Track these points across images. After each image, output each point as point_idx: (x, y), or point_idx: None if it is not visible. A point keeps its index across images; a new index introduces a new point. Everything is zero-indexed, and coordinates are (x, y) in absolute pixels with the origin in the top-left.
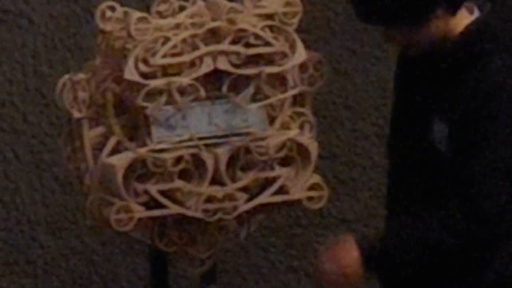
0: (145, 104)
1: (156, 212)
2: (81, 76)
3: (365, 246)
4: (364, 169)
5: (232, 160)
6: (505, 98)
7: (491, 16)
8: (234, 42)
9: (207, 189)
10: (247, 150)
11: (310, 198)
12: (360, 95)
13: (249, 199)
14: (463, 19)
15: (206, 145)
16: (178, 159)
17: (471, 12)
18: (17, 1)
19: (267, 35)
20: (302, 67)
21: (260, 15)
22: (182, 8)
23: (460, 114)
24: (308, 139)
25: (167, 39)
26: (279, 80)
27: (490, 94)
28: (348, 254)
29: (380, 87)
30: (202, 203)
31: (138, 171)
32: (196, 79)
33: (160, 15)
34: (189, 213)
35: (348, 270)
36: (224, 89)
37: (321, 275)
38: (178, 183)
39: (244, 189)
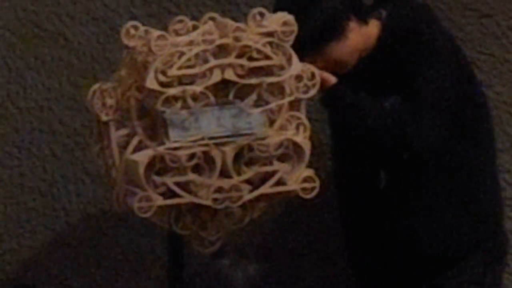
0: (163, 109)
1: (173, 201)
2: (108, 85)
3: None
4: None
5: (238, 157)
6: (431, 60)
7: (399, 11)
8: (239, 56)
9: (216, 181)
10: (251, 148)
11: (304, 189)
12: None
13: (252, 190)
14: (375, 26)
15: (216, 144)
16: (192, 156)
17: (379, 18)
18: (55, 21)
19: (267, 50)
20: (297, 77)
21: (261, 33)
22: (195, 27)
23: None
24: (302, 139)
25: (182, 54)
26: (278, 89)
27: (420, 57)
28: (328, 79)
29: None
30: (212, 193)
31: (157, 166)
32: (207, 87)
33: (176, 33)
34: (201, 201)
35: (321, 74)
36: (231, 96)
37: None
38: (191, 176)
39: (247, 181)
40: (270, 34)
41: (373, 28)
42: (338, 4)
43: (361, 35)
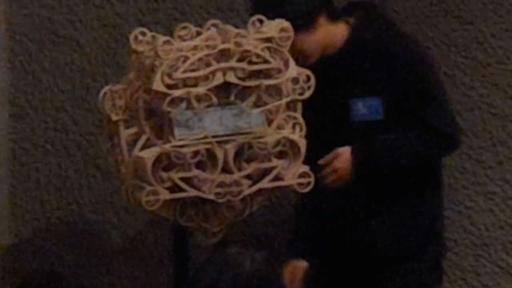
0: (169, 109)
1: (178, 195)
2: (118, 87)
3: (359, 153)
4: None
5: (238, 154)
6: (422, 67)
7: (370, 18)
8: (240, 60)
9: (218, 176)
10: (250, 146)
11: (300, 184)
12: None
13: (251, 185)
14: (343, 29)
15: (218, 142)
16: (195, 153)
17: (347, 22)
18: (68, 28)
19: (266, 54)
20: (294, 80)
21: (260, 39)
22: (198, 33)
23: (394, 89)
24: (298, 137)
25: (186, 58)
26: (276, 91)
27: (412, 68)
28: (343, 163)
29: None
30: (214, 188)
31: (164, 162)
32: (210, 89)
33: (181, 38)
34: (204, 195)
35: (342, 172)
36: (232, 97)
37: (321, 178)
38: (195, 171)
39: (247, 176)
40: (268, 39)
41: (340, 29)
42: None
43: (327, 32)
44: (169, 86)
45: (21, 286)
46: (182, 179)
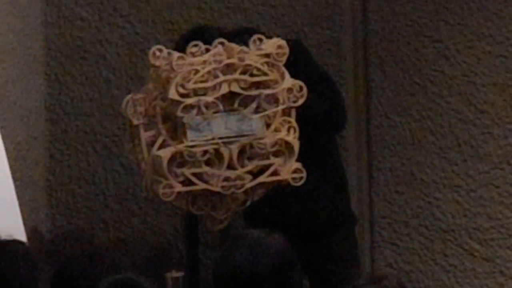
0: (182, 115)
1: (190, 188)
2: (139, 95)
3: None
4: None
5: (241, 153)
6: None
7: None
8: (242, 73)
9: (224, 172)
10: (251, 146)
11: (293, 178)
12: None
13: (252, 179)
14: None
15: (224, 143)
16: (205, 152)
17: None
18: (96, 45)
19: (265, 68)
20: (289, 90)
21: (260, 55)
22: (207, 50)
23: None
24: (292, 139)
25: (197, 71)
26: (273, 99)
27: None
28: None
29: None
30: (221, 182)
31: (178, 160)
32: (217, 98)
33: (193, 55)
34: (212, 188)
35: None
36: (236, 104)
37: None
38: (205, 168)
39: (249, 172)
40: (267, 55)
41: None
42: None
43: None
44: (182, 95)
45: (59, 265)
46: (193, 174)
